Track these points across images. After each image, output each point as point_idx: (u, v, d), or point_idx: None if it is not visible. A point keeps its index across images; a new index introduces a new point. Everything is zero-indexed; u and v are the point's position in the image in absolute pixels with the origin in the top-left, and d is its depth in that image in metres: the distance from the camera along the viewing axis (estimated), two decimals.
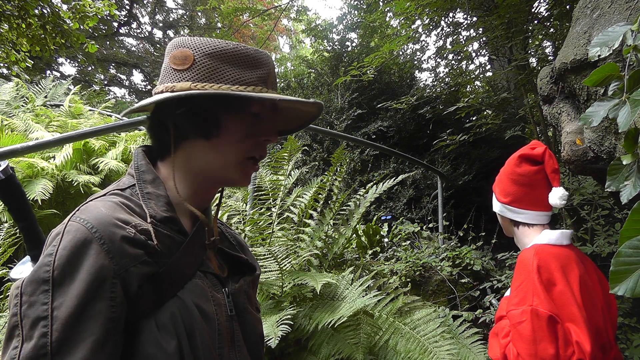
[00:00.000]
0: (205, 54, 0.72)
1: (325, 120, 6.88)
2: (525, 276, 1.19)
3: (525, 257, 1.25)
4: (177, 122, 0.73)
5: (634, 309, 2.83)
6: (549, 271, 1.18)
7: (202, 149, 0.74)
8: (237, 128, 0.75)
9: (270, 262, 2.21)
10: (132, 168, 0.77)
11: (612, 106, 0.93)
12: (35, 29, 5.21)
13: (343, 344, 1.94)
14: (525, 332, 1.11)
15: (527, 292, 1.16)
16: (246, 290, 0.84)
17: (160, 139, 0.77)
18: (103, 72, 16.48)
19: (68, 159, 3.82)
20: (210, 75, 0.71)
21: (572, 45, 1.72)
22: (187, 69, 0.72)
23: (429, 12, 4.37)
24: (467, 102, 4.42)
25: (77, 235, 0.62)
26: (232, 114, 0.74)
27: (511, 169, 1.39)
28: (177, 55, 0.73)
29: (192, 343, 0.67)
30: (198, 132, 0.73)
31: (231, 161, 0.76)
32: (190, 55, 0.72)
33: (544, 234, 1.30)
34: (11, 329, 0.59)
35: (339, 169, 2.89)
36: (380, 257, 4.03)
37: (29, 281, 0.59)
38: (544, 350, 1.09)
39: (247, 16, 11.43)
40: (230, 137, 0.74)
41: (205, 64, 0.72)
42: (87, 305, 0.59)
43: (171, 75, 0.73)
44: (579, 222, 3.36)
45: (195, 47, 0.73)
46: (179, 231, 0.73)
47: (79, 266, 0.60)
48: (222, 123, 0.74)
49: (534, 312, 1.12)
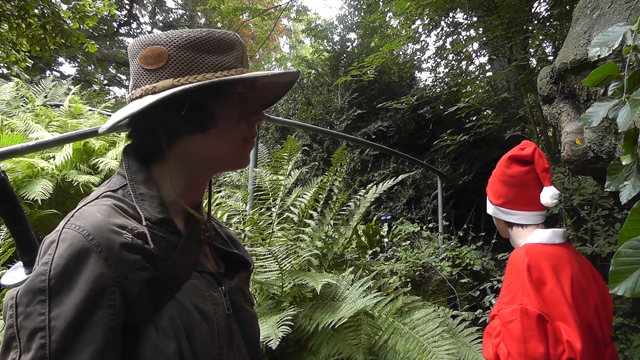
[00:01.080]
0: (180, 47, 0.69)
1: (325, 120, 6.88)
2: (516, 275, 1.19)
3: (515, 256, 1.26)
4: (168, 123, 0.71)
5: (634, 309, 2.83)
6: (539, 270, 1.18)
7: (200, 143, 0.73)
8: (229, 113, 0.74)
9: (271, 262, 2.20)
10: (122, 168, 0.75)
11: (612, 106, 0.93)
12: (35, 29, 5.20)
13: (343, 344, 1.94)
14: (515, 331, 1.12)
15: (517, 291, 1.16)
16: (241, 287, 0.83)
17: (146, 142, 0.74)
18: (103, 72, 16.47)
19: (68, 159, 3.82)
20: (190, 68, 0.69)
21: (572, 45, 1.72)
22: (163, 66, 0.69)
23: (429, 12, 4.37)
24: (468, 102, 4.42)
25: (74, 243, 0.60)
26: (222, 101, 0.73)
27: (502, 171, 1.39)
28: (148, 55, 0.70)
29: (192, 344, 0.66)
30: (193, 127, 0.72)
31: (232, 147, 0.75)
32: (164, 52, 0.69)
33: (535, 233, 1.30)
34: (8, 341, 0.58)
35: (339, 169, 2.89)
36: (380, 257, 4.03)
37: (25, 291, 0.58)
38: (534, 349, 1.09)
39: (247, 16, 11.43)
40: (225, 123, 0.74)
41: (182, 57, 0.69)
42: (85, 315, 0.58)
43: (146, 76, 0.70)
44: (579, 222, 3.36)
45: (167, 42, 0.70)
46: (174, 232, 0.72)
47: (77, 275, 0.59)
48: (215, 112, 0.73)
49: (523, 310, 1.12)
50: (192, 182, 0.77)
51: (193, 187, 0.78)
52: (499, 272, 3.61)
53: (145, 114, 0.69)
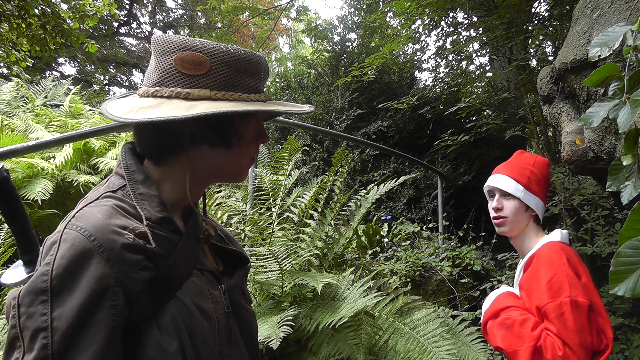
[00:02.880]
0: (223, 62, 0.71)
1: (325, 120, 6.88)
2: (556, 270, 1.23)
3: (549, 252, 1.29)
4: (195, 131, 0.72)
5: (634, 309, 2.83)
6: (574, 265, 1.25)
7: (219, 156, 0.76)
8: (249, 133, 0.77)
9: (271, 262, 2.20)
10: (120, 167, 0.76)
11: (612, 106, 0.93)
12: (35, 29, 5.20)
13: (343, 344, 1.94)
14: (569, 322, 1.15)
15: (562, 284, 1.19)
16: (240, 285, 0.85)
17: (162, 144, 0.74)
18: (103, 72, 16.47)
19: (68, 159, 3.82)
20: (227, 84, 0.71)
21: (572, 45, 1.72)
22: (202, 75, 0.70)
23: (429, 12, 4.37)
24: (468, 103, 4.42)
25: (76, 244, 0.60)
26: (247, 121, 0.76)
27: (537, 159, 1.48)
28: (187, 59, 0.70)
29: (194, 342, 0.67)
30: (220, 140, 0.74)
31: (241, 164, 0.79)
32: (207, 62, 0.70)
33: (557, 232, 1.35)
34: (11, 341, 0.58)
35: (341, 169, 2.89)
36: (380, 257, 4.03)
37: (27, 292, 0.58)
38: (586, 339, 1.15)
39: (247, 16, 11.42)
40: (246, 142, 0.77)
41: (223, 72, 0.71)
42: (88, 315, 0.58)
43: (180, 79, 0.70)
44: (579, 222, 3.36)
45: (211, 53, 0.70)
46: (174, 231, 0.73)
47: (79, 276, 0.59)
48: (241, 131, 0.75)
49: (573, 302, 1.16)
50: (196, 187, 0.79)
51: (193, 191, 0.79)
52: (498, 272, 3.60)
53: None
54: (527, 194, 1.40)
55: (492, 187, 1.47)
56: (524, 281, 1.32)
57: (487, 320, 1.34)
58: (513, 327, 1.24)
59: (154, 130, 0.74)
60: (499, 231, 1.46)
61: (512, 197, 1.41)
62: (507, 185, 1.41)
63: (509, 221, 1.41)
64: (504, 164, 1.51)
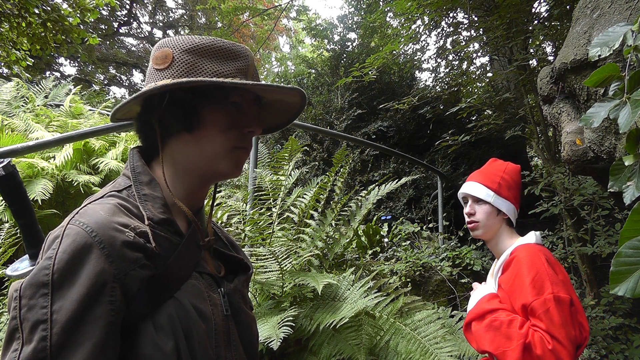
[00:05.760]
0: (184, 50, 0.74)
1: (325, 120, 6.88)
2: (537, 269, 1.28)
3: (528, 254, 1.33)
4: (161, 118, 0.75)
5: (634, 309, 2.84)
6: (552, 264, 1.31)
7: (186, 143, 0.75)
8: (218, 119, 0.75)
9: (271, 262, 2.20)
10: (127, 169, 0.78)
11: (613, 107, 0.93)
12: (36, 27, 5.19)
13: (344, 344, 1.94)
14: (555, 317, 1.19)
15: (544, 282, 1.25)
16: (240, 290, 0.85)
17: (148, 138, 0.78)
18: (103, 72, 16.48)
19: (68, 159, 3.82)
20: (190, 70, 0.73)
21: (572, 45, 1.73)
22: (167, 67, 0.74)
23: (429, 12, 4.37)
24: (469, 103, 4.42)
25: (77, 239, 0.62)
26: (212, 105, 0.75)
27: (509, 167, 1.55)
28: (158, 56, 0.75)
29: (190, 343, 0.68)
30: (180, 125, 0.74)
31: (217, 153, 0.76)
32: (170, 54, 0.74)
33: (531, 234, 1.42)
34: (11, 332, 0.60)
35: (342, 170, 2.89)
36: (380, 257, 4.03)
37: (28, 284, 0.59)
38: (570, 332, 1.19)
39: (247, 15, 11.43)
40: (212, 128, 0.75)
41: (184, 60, 0.73)
42: (87, 309, 0.59)
43: (154, 75, 0.75)
44: (579, 222, 3.36)
45: (174, 45, 0.75)
46: (175, 233, 0.74)
47: (79, 270, 0.60)
48: (203, 115, 0.75)
49: (556, 298, 1.21)
50: (189, 186, 0.79)
51: (190, 191, 0.79)
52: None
53: (146, 108, 0.76)
54: (498, 199, 1.47)
55: (465, 194, 1.55)
56: (504, 281, 1.36)
57: (471, 320, 1.36)
58: (500, 328, 1.26)
59: (138, 127, 0.79)
60: (474, 235, 1.52)
61: (484, 202, 1.49)
62: (478, 192, 1.50)
63: (481, 225, 1.48)
64: (476, 171, 1.59)
